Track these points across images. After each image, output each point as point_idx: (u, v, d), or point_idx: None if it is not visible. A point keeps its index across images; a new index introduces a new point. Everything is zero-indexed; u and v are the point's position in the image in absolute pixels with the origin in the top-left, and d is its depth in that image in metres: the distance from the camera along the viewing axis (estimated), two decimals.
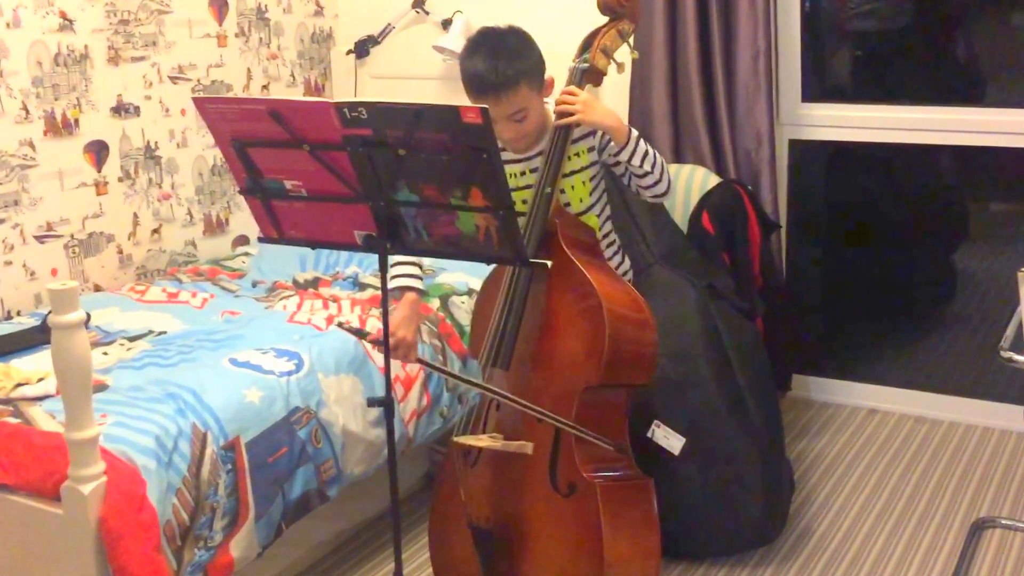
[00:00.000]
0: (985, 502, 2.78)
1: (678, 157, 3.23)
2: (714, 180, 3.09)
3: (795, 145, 3.34)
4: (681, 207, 3.06)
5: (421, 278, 2.22)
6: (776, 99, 3.19)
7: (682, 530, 2.47)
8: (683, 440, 2.46)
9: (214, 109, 1.67)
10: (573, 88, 2.12)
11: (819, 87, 3.40)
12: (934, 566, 2.51)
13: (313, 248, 1.93)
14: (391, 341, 2.09)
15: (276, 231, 1.79)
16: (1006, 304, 3.63)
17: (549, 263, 1.92)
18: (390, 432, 1.84)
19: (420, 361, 2.19)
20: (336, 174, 1.64)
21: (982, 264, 3.79)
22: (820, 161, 3.54)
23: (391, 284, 2.17)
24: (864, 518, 2.73)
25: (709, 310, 2.64)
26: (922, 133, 3.19)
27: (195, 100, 1.71)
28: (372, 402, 1.86)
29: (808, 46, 3.29)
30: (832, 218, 3.71)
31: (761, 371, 2.71)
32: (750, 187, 3.14)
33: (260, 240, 1.86)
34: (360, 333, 2.15)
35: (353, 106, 1.57)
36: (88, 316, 2.28)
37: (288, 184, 1.70)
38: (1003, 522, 2.66)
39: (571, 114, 2.07)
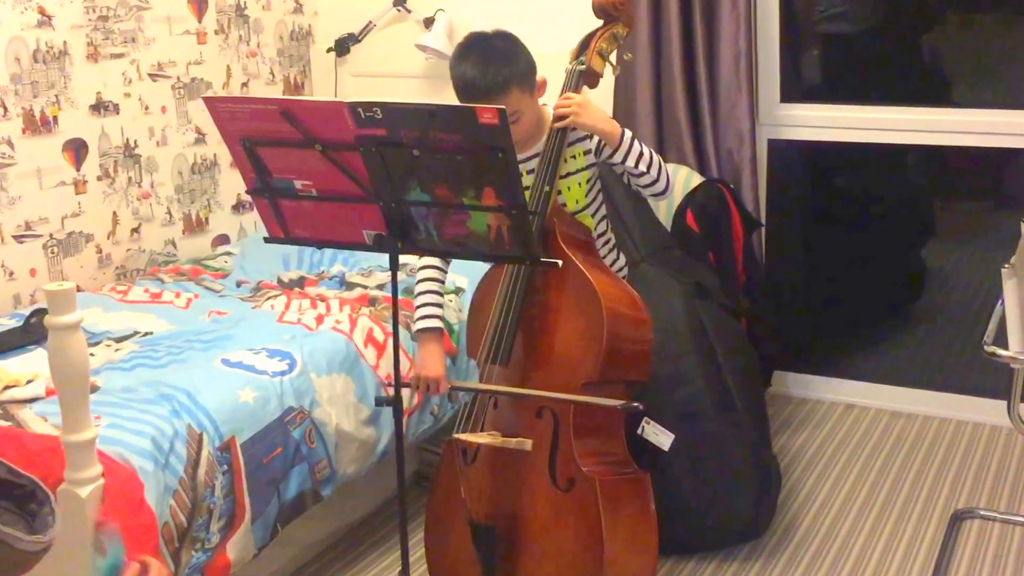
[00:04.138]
0: (963, 493, 2.85)
1: (661, 156, 3.25)
2: (697, 179, 3.13)
3: (773, 145, 3.39)
4: (665, 206, 3.09)
5: (442, 315, 2.28)
6: (756, 100, 3.24)
7: (672, 526, 2.49)
8: (672, 436, 2.49)
9: (224, 108, 1.66)
10: (570, 93, 2.15)
11: (796, 88, 3.45)
12: (917, 556, 2.57)
13: (319, 248, 1.92)
14: (423, 381, 2.21)
15: (283, 231, 1.78)
16: (972, 299, 3.74)
17: (560, 262, 1.94)
18: (399, 432, 1.85)
19: (452, 386, 2.25)
20: (348, 174, 1.64)
21: (949, 260, 3.88)
22: (796, 160, 3.59)
23: (416, 325, 2.26)
24: (847, 511, 2.79)
25: (696, 308, 2.68)
26: (892, 133, 3.25)
27: (205, 99, 1.70)
28: (380, 401, 1.86)
29: (785, 48, 3.34)
30: (808, 217, 3.78)
31: (747, 368, 2.75)
32: (732, 186, 3.18)
33: (266, 240, 1.84)
34: (405, 385, 2.19)
35: (368, 106, 1.57)
36: None
37: (298, 184, 1.69)
38: (981, 513, 2.73)
39: (566, 116, 2.09)
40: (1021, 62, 3.46)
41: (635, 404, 2.02)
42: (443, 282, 2.31)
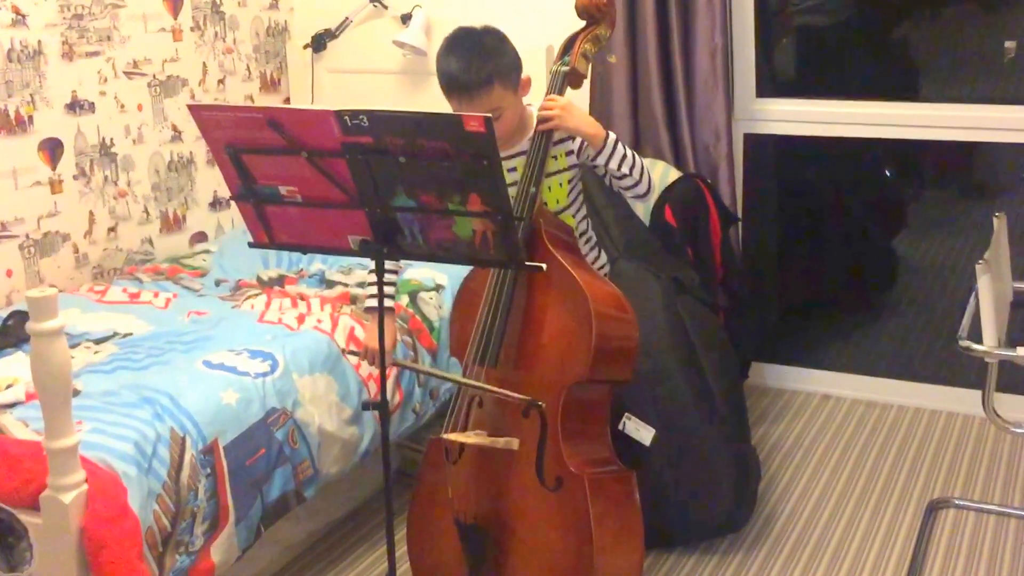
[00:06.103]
0: (938, 483, 2.90)
1: (638, 152, 3.27)
2: (675, 174, 3.15)
3: (749, 139, 3.42)
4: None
5: (395, 294, 2.36)
6: (732, 95, 3.26)
7: (652, 519, 2.50)
8: (653, 431, 2.52)
9: (209, 116, 1.65)
10: (554, 95, 2.16)
11: (770, 83, 3.48)
12: (895, 545, 2.62)
13: (304, 253, 1.92)
14: (369, 353, 2.22)
15: (267, 237, 1.78)
16: (942, 289, 3.81)
17: (544, 266, 1.94)
18: (384, 437, 1.85)
19: (395, 363, 2.27)
20: (333, 181, 1.64)
21: (918, 251, 3.95)
22: (772, 155, 3.63)
23: (368, 302, 2.29)
24: (825, 501, 2.83)
25: (674, 303, 2.70)
26: (864, 127, 3.28)
27: (190, 107, 1.69)
28: (367, 406, 1.87)
29: (759, 42, 3.37)
30: (783, 210, 3.81)
31: (726, 361, 2.77)
32: (709, 181, 3.21)
33: (250, 246, 1.84)
34: (355, 353, 2.29)
35: (354, 114, 1.58)
36: None
37: (283, 190, 1.69)
38: (956, 502, 2.78)
39: (550, 119, 2.10)
40: (985, 58, 3.52)
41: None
42: (393, 296, 2.38)
